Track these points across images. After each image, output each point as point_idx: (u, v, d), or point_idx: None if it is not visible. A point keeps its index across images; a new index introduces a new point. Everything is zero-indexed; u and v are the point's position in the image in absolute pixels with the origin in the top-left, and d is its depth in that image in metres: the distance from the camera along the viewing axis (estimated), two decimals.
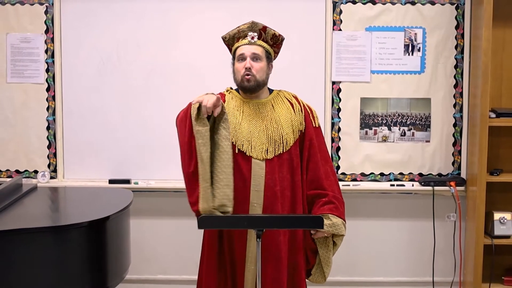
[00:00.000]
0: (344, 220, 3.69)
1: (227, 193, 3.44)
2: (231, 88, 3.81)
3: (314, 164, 3.73)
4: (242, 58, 3.64)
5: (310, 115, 3.78)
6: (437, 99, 4.93)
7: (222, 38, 3.77)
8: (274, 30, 3.70)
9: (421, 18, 4.89)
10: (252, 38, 3.66)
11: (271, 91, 3.80)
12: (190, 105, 3.57)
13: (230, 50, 3.78)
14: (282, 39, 3.75)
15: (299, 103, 3.78)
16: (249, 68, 3.61)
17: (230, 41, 3.74)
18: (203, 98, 3.44)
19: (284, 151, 3.65)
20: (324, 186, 3.71)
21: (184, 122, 3.53)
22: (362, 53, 4.92)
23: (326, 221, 3.61)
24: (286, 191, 3.65)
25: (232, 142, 3.59)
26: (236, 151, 3.60)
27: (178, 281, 5.12)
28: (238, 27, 3.71)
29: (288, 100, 3.77)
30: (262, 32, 3.67)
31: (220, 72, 4.67)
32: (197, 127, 3.43)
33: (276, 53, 3.78)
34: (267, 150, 3.62)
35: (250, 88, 3.65)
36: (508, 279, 4.84)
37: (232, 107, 3.68)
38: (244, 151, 3.60)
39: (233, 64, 3.72)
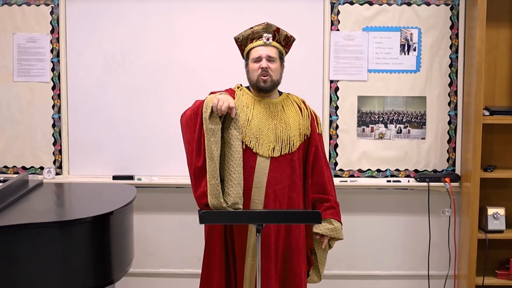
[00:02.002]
0: (341, 223, 3.82)
1: (239, 191, 3.53)
2: (241, 85, 3.86)
3: (319, 169, 3.82)
4: (259, 59, 3.68)
5: (315, 121, 3.86)
6: (432, 98, 4.97)
7: (235, 38, 3.81)
8: (286, 31, 3.77)
9: (416, 19, 4.92)
10: (268, 39, 3.70)
11: (280, 93, 3.86)
12: (198, 103, 3.63)
13: (241, 50, 3.82)
14: (293, 40, 3.82)
15: (306, 108, 3.85)
16: (266, 69, 3.66)
17: (243, 41, 3.78)
18: (219, 99, 3.50)
19: (290, 152, 3.71)
20: (327, 190, 3.82)
21: (194, 120, 3.59)
22: (359, 52, 4.95)
23: (329, 225, 3.75)
24: (285, 191, 3.71)
25: (240, 138, 3.65)
26: (244, 147, 3.65)
27: (179, 274, 5.14)
28: (252, 28, 3.75)
29: (297, 104, 3.84)
30: (276, 33, 3.73)
31: (222, 72, 4.75)
32: (210, 125, 3.49)
33: (286, 52, 3.84)
34: (273, 148, 3.68)
35: (267, 89, 3.71)
36: (502, 273, 4.87)
37: (243, 104, 3.73)
38: (251, 148, 3.66)
39: (247, 64, 3.76)
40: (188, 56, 4.98)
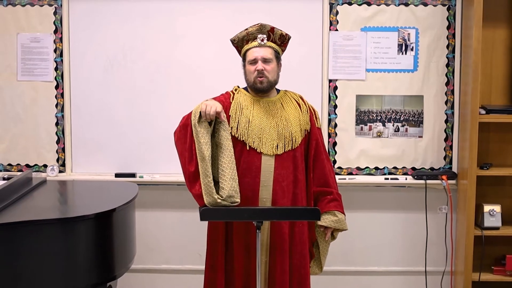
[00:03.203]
0: (344, 214, 3.86)
1: (233, 185, 3.53)
2: (239, 87, 3.90)
3: (321, 163, 3.85)
4: (254, 61, 3.71)
5: (314, 115, 3.89)
6: (429, 97, 5.00)
7: (231, 40, 3.84)
8: (281, 30, 3.78)
9: (414, 19, 4.95)
10: (262, 40, 3.73)
11: (278, 90, 3.89)
12: (186, 116, 3.67)
13: (239, 52, 3.85)
14: (289, 38, 3.84)
15: (305, 103, 3.88)
16: (262, 70, 3.69)
17: (239, 43, 3.81)
18: (206, 104, 3.53)
19: (293, 148, 3.75)
20: (329, 183, 3.85)
21: (184, 132, 3.63)
22: (357, 52, 4.98)
23: (333, 217, 3.78)
24: (290, 187, 3.75)
25: (243, 140, 3.70)
26: (248, 148, 3.70)
27: (180, 270, 5.17)
28: (247, 29, 3.78)
29: (296, 100, 3.87)
30: (271, 33, 3.75)
31: (223, 72, 4.78)
32: (199, 129, 3.52)
33: (283, 51, 3.86)
34: (277, 145, 3.71)
35: (264, 89, 3.74)
36: (497, 269, 4.89)
37: (242, 105, 3.76)
38: (255, 148, 3.70)
39: (244, 66, 3.79)
40: (189, 55, 5.01)
